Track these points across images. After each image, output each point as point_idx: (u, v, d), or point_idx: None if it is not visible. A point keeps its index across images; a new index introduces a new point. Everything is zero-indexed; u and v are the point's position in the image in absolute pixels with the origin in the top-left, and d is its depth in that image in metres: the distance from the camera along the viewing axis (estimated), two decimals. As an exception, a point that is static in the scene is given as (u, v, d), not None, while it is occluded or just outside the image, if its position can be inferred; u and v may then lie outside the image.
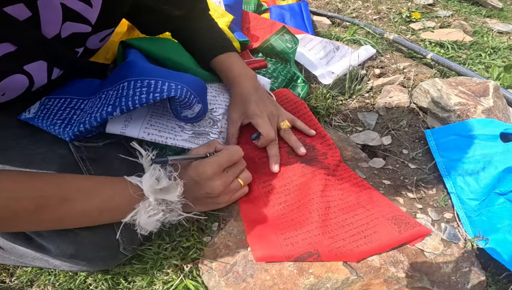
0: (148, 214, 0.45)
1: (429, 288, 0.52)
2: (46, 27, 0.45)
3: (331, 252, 0.50)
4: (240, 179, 0.54)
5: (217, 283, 0.54)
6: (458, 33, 1.02)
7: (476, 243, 0.55)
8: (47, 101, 0.57)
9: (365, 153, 0.67)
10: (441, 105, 0.65)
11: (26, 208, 0.40)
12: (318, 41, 0.87)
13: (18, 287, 0.61)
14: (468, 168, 0.57)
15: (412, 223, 0.51)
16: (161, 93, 0.50)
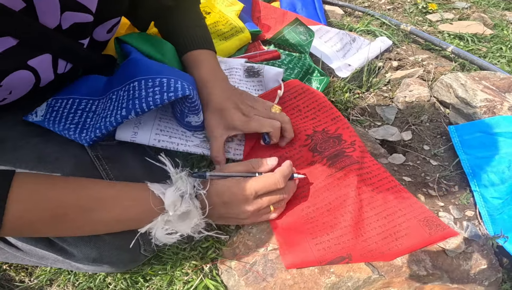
0: (164, 232, 0.44)
1: (448, 285, 0.52)
2: (44, 18, 0.43)
3: (363, 255, 0.50)
4: (272, 206, 0.52)
5: (236, 283, 0.55)
6: (478, 25, 1.00)
7: (497, 242, 0.55)
8: (54, 103, 0.55)
9: (384, 148, 0.67)
10: (466, 100, 0.64)
11: (42, 218, 0.40)
12: (335, 33, 0.86)
13: (37, 287, 0.62)
14: (493, 167, 0.57)
15: (442, 226, 0.50)
16: (175, 92, 0.49)
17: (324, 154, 0.58)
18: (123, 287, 0.59)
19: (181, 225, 0.45)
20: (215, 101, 0.56)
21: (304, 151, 0.60)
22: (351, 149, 0.58)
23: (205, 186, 0.47)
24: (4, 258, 0.55)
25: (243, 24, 0.90)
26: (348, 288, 0.52)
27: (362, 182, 0.55)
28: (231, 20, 0.90)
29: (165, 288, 0.58)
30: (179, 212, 0.44)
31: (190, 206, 0.44)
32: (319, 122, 0.63)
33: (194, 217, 0.45)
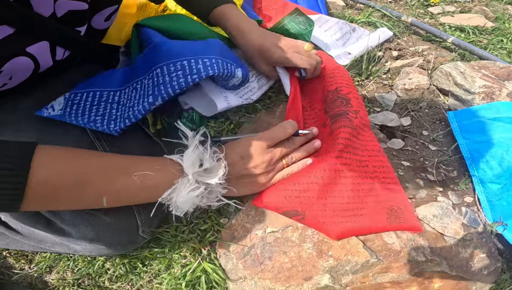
0: (187, 190, 0.44)
1: (447, 272, 0.52)
2: (38, 7, 0.44)
3: (316, 218, 0.50)
4: (285, 160, 0.53)
5: (234, 266, 0.55)
6: (479, 18, 1.00)
7: (496, 229, 0.55)
8: (73, 96, 0.55)
9: (383, 133, 0.67)
10: (465, 87, 0.64)
11: (67, 184, 0.40)
12: (335, 22, 0.86)
13: (37, 274, 0.62)
14: (492, 151, 0.57)
15: (405, 220, 0.51)
16: (198, 73, 0.50)
17: (329, 114, 0.59)
18: (122, 272, 0.60)
19: (209, 177, 0.46)
20: (254, 44, 0.61)
21: (321, 114, 0.62)
22: (354, 116, 0.58)
23: (221, 151, 0.49)
24: (5, 244, 0.57)
25: (246, 14, 0.90)
26: (346, 272, 0.52)
27: (349, 149, 0.55)
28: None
29: (163, 271, 0.58)
30: (204, 167, 0.45)
31: (212, 163, 0.46)
32: (334, 81, 0.63)
33: (219, 169, 0.46)
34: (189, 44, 0.58)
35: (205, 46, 0.56)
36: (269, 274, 0.53)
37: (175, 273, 0.56)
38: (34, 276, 0.63)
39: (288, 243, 0.53)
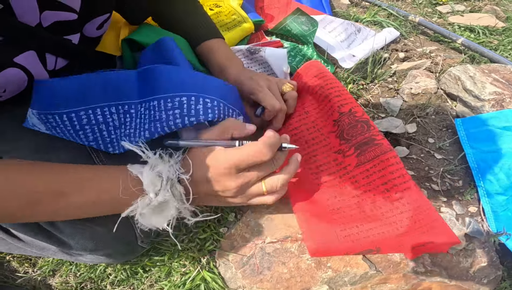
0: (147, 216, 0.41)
1: (446, 282, 0.52)
2: (23, 18, 0.42)
3: (392, 248, 0.48)
4: (266, 183, 0.44)
5: (233, 275, 0.55)
6: (490, 18, 0.97)
7: (499, 239, 0.54)
8: (47, 118, 0.47)
9: (388, 141, 0.65)
10: (474, 93, 0.62)
11: (18, 204, 0.38)
12: (339, 23, 0.83)
13: (40, 278, 0.63)
14: (500, 162, 0.55)
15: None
16: (196, 116, 0.45)
17: (351, 142, 0.53)
18: (123, 277, 0.60)
19: (157, 217, 0.41)
20: (230, 78, 0.58)
21: (332, 137, 0.56)
22: (381, 136, 0.52)
23: (188, 169, 0.42)
24: (8, 249, 0.56)
25: (246, 14, 0.88)
26: (345, 283, 0.51)
27: (395, 173, 0.49)
28: (234, 10, 0.88)
29: (163, 279, 0.58)
30: (155, 202, 0.39)
31: (166, 195, 0.40)
32: (344, 101, 0.56)
33: (171, 207, 0.41)
34: (190, 74, 0.52)
35: (205, 79, 0.51)
36: (268, 284, 0.52)
37: (175, 281, 0.56)
38: (37, 279, 0.63)
39: (287, 254, 0.53)
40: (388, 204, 0.49)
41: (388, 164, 0.49)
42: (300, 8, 0.75)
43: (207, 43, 0.63)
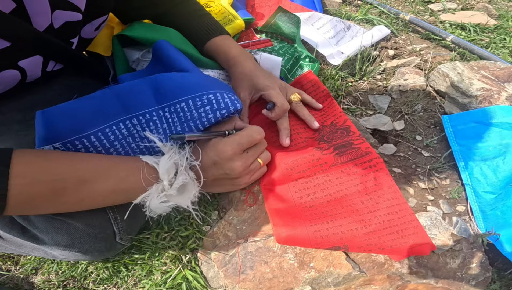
0: (159, 199, 0.43)
1: (432, 284, 0.50)
2: (36, 18, 0.44)
3: (360, 247, 0.47)
4: (260, 159, 0.52)
5: (215, 274, 0.53)
6: (481, 16, 0.94)
7: (488, 239, 0.52)
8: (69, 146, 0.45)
9: (375, 138, 0.63)
10: (462, 90, 0.59)
11: (41, 192, 0.38)
12: (328, 20, 0.81)
13: (23, 276, 0.62)
14: (487, 159, 0.53)
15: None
16: (227, 108, 0.49)
17: (331, 143, 0.55)
18: (106, 276, 0.58)
19: (181, 198, 0.45)
20: (247, 71, 0.60)
21: (310, 141, 0.58)
22: (360, 141, 0.55)
23: (197, 156, 0.47)
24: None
25: (236, 13, 0.86)
26: (328, 284, 0.49)
27: (370, 175, 0.51)
28: (224, 9, 0.86)
29: (144, 277, 0.56)
30: (178, 184, 0.43)
31: (186, 178, 0.44)
32: (327, 117, 0.62)
33: (192, 189, 0.45)
34: (204, 76, 0.55)
35: (216, 80, 0.55)
36: (250, 284, 0.50)
37: (155, 279, 0.54)
38: (20, 277, 0.62)
39: (270, 253, 0.51)
40: (359, 203, 0.49)
41: (362, 167, 0.51)
42: (282, 7, 0.73)
43: (216, 39, 0.65)
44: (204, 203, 0.56)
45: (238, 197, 0.56)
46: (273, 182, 0.54)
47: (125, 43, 0.66)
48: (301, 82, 0.67)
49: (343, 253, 0.49)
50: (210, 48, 0.65)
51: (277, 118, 0.58)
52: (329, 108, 0.62)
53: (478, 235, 0.52)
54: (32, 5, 0.42)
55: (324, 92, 0.64)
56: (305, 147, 0.56)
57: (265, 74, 0.61)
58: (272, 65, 0.68)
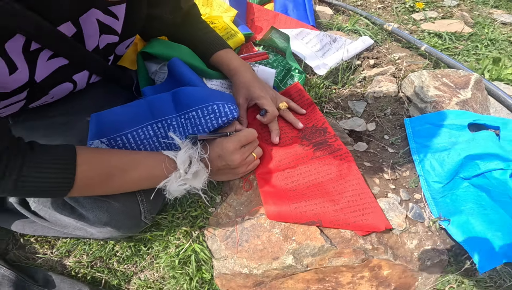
0: (178, 183, 0.55)
1: (392, 261, 0.57)
2: (88, 40, 0.56)
3: (332, 223, 0.58)
4: (254, 153, 0.65)
5: (218, 247, 0.64)
6: (458, 24, 1.02)
7: (439, 223, 0.60)
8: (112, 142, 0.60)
9: (352, 137, 0.74)
10: (420, 96, 0.70)
11: (96, 177, 0.52)
12: (315, 35, 0.92)
13: (57, 258, 0.71)
14: (435, 154, 0.63)
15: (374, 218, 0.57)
16: (226, 116, 0.62)
17: (311, 141, 0.68)
18: (128, 254, 0.70)
19: (195, 181, 0.57)
20: (246, 81, 0.71)
21: (295, 139, 0.70)
22: (333, 139, 0.67)
23: (206, 151, 0.59)
24: (33, 231, 0.68)
25: (237, 28, 0.98)
26: (307, 254, 0.58)
27: (340, 166, 0.63)
28: (226, 25, 0.98)
29: (161, 251, 0.68)
30: (192, 171, 0.56)
31: (198, 167, 0.57)
32: (310, 120, 0.73)
33: (203, 174, 0.58)
34: (210, 90, 0.68)
35: (220, 92, 0.67)
36: (246, 254, 0.60)
37: (170, 253, 0.67)
38: (54, 260, 0.72)
39: (261, 229, 0.61)
40: (330, 187, 0.60)
41: (335, 160, 0.63)
42: (274, 27, 0.85)
43: (221, 52, 0.76)
44: (211, 189, 0.68)
45: (237, 184, 0.68)
46: (265, 171, 0.66)
47: (146, 57, 0.79)
48: (289, 91, 0.79)
49: (318, 229, 0.58)
50: (214, 60, 0.77)
51: (269, 122, 0.70)
52: (312, 113, 0.74)
53: (431, 220, 0.60)
54: (87, 31, 0.54)
55: (308, 100, 0.76)
56: (290, 144, 0.68)
57: (260, 85, 0.72)
58: (267, 76, 0.80)
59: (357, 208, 0.58)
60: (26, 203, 0.63)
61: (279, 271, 0.59)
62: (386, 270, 0.59)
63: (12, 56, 0.45)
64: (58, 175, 0.47)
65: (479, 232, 0.56)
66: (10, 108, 0.55)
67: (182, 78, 0.70)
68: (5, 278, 0.64)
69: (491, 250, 0.53)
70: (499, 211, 0.58)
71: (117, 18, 0.58)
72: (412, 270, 0.59)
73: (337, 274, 0.60)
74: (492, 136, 0.60)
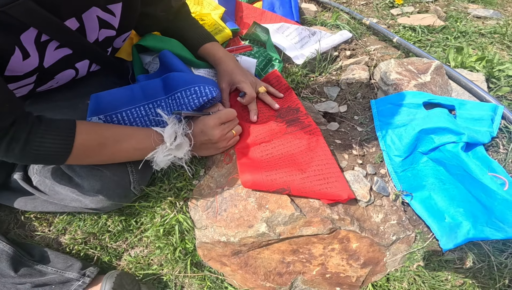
0: (163, 154, 0.62)
1: (358, 232, 0.60)
2: (90, 34, 0.64)
3: (299, 190, 0.62)
4: (233, 130, 0.71)
5: (200, 217, 0.68)
6: (431, 18, 1.08)
7: (403, 198, 0.63)
8: (109, 118, 0.67)
9: (326, 118, 0.80)
10: (384, 80, 0.76)
11: (92, 146, 0.58)
12: (294, 29, 0.99)
13: (54, 236, 0.76)
14: (395, 130, 0.68)
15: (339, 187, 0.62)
16: (206, 95, 0.68)
17: (284, 119, 0.75)
18: (119, 229, 0.75)
19: (178, 152, 0.64)
20: (229, 69, 0.78)
21: (271, 117, 0.77)
22: (305, 117, 0.73)
23: (190, 127, 0.66)
24: (33, 207, 0.73)
25: (225, 24, 1.05)
26: (279, 223, 0.61)
27: (309, 139, 0.69)
28: (215, 21, 1.05)
29: (148, 221, 0.73)
30: (176, 143, 0.62)
31: (182, 140, 0.63)
32: (286, 102, 0.80)
33: (185, 146, 0.64)
34: (194, 75, 0.75)
35: (203, 77, 0.74)
36: (224, 222, 0.65)
37: (156, 223, 0.72)
38: (51, 237, 0.76)
39: (238, 198, 0.65)
40: (299, 158, 0.65)
41: (306, 135, 0.69)
42: (256, 22, 0.92)
43: (207, 45, 0.83)
44: (195, 163, 0.74)
45: (218, 158, 0.73)
46: (244, 146, 0.71)
47: (140, 50, 0.87)
48: (268, 78, 0.85)
49: (289, 198, 0.62)
50: (202, 52, 0.84)
51: (247, 103, 0.76)
52: (288, 97, 0.80)
53: (394, 193, 0.63)
54: (89, 26, 0.62)
55: (285, 85, 0.82)
56: (266, 122, 0.74)
57: (242, 72, 0.78)
58: (249, 65, 0.87)
59: (322, 177, 0.62)
60: (29, 179, 0.70)
61: (254, 239, 0.63)
62: (355, 243, 0.63)
63: (25, 46, 0.53)
64: (59, 142, 0.55)
65: (441, 208, 0.57)
66: (21, 90, 0.63)
67: (172, 67, 0.77)
68: (3, 252, 0.69)
69: (454, 228, 0.54)
70: (458, 185, 0.60)
71: (114, 15, 0.65)
72: (379, 244, 0.62)
73: (310, 245, 0.64)
74: (443, 112, 0.66)
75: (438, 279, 0.64)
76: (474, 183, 0.63)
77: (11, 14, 0.48)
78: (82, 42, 0.63)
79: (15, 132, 0.51)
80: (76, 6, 0.57)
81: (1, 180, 0.73)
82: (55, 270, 0.70)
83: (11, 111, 0.51)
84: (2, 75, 0.54)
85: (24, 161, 0.61)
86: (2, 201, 0.75)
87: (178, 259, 0.72)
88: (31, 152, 0.53)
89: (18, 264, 0.69)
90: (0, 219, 0.79)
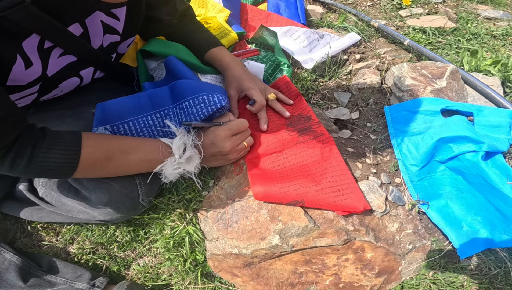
0: (172, 167, 0.59)
1: (373, 243, 0.58)
2: (94, 40, 0.61)
3: (314, 202, 0.60)
4: (245, 142, 0.68)
5: (210, 228, 0.66)
6: (442, 19, 1.05)
7: (419, 207, 0.61)
8: (115, 129, 0.64)
9: (337, 125, 0.77)
10: (398, 86, 0.73)
11: (99, 159, 0.56)
12: (302, 32, 0.96)
13: (62, 245, 0.75)
14: (411, 138, 0.65)
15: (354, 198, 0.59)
16: (215, 104, 0.65)
17: (296, 127, 0.71)
18: (128, 239, 0.73)
19: (188, 165, 0.61)
20: (237, 75, 0.75)
21: (282, 126, 0.74)
22: (317, 126, 0.70)
23: (200, 138, 0.63)
24: (40, 218, 0.71)
25: (230, 27, 1.02)
26: (292, 234, 0.60)
27: (322, 149, 0.66)
28: (220, 25, 1.03)
29: (158, 233, 0.72)
30: (185, 156, 0.59)
31: (192, 152, 0.60)
32: (296, 109, 0.77)
33: (196, 159, 0.61)
34: (201, 82, 0.72)
35: (210, 84, 0.71)
36: (235, 234, 0.63)
37: (166, 235, 0.70)
38: (59, 247, 0.75)
39: (249, 210, 0.63)
40: (313, 169, 0.63)
41: (319, 144, 0.66)
42: (264, 25, 0.89)
43: (214, 50, 0.80)
44: (204, 174, 0.72)
45: (228, 169, 0.71)
46: (254, 156, 0.69)
47: (145, 55, 0.83)
48: (277, 84, 0.82)
49: (302, 209, 0.60)
50: (208, 57, 0.81)
51: (257, 111, 0.73)
52: (298, 103, 0.77)
53: (410, 203, 0.61)
54: (93, 31, 0.59)
55: (295, 91, 0.79)
56: (277, 131, 0.71)
57: (250, 78, 0.75)
58: (257, 71, 0.84)
59: (337, 188, 0.60)
60: (34, 190, 0.67)
61: (267, 251, 0.61)
62: (369, 252, 0.61)
63: (28, 53, 0.50)
64: (65, 156, 0.52)
65: (458, 216, 0.56)
66: (24, 100, 0.60)
67: (178, 74, 0.74)
68: (11, 263, 0.67)
69: (471, 236, 0.53)
70: (476, 194, 0.59)
71: (119, 20, 0.63)
72: (394, 253, 0.60)
73: (323, 256, 0.62)
74: (463, 120, 0.63)
75: (453, 286, 0.62)
76: (493, 192, 0.60)
77: (13, 19, 0.45)
78: (86, 48, 0.60)
79: (19, 148, 0.49)
80: (79, 10, 0.54)
81: (6, 189, 0.70)
82: (65, 280, 0.69)
83: (15, 125, 0.49)
84: (4, 86, 0.51)
85: (29, 176, 0.59)
86: (8, 211, 0.73)
87: (188, 270, 0.70)
88: (36, 168, 0.51)
89: (27, 275, 0.67)
90: (6, 229, 0.77)
